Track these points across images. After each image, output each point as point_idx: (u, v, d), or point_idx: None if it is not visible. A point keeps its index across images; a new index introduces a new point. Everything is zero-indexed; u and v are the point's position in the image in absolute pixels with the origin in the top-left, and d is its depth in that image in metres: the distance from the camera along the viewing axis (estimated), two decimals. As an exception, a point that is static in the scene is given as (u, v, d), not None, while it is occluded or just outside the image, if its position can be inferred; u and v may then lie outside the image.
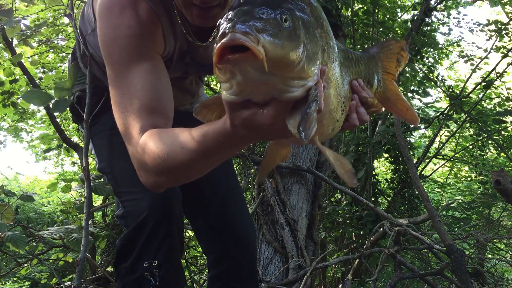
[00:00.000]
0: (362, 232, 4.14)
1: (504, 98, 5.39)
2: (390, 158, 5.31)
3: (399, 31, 5.44)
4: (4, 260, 5.62)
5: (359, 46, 5.01)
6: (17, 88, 4.12)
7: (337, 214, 4.32)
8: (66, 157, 8.23)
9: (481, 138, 5.39)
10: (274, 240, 3.02)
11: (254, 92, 0.68)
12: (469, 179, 7.04)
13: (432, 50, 6.17)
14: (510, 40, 5.16)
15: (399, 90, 1.12)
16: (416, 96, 5.51)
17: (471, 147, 5.97)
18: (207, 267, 1.86)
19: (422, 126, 4.97)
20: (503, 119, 4.53)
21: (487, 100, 5.90)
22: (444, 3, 5.48)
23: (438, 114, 5.18)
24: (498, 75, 5.14)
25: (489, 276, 3.41)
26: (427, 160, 5.70)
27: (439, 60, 7.20)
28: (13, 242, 2.15)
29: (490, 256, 4.08)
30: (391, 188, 5.45)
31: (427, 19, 4.71)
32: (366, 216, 4.07)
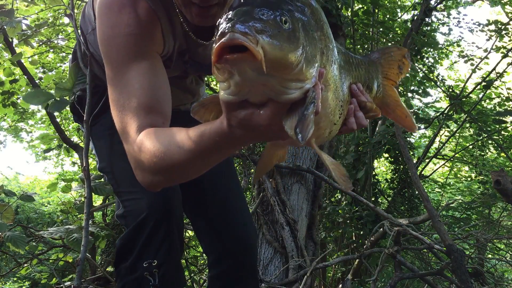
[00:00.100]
0: (362, 232, 4.14)
1: (504, 98, 5.38)
2: (390, 158, 5.31)
3: (399, 31, 5.44)
4: (4, 260, 5.62)
5: (359, 46, 5.01)
6: (17, 88, 4.12)
7: (337, 214, 4.32)
8: (66, 157, 8.24)
9: (481, 138, 5.39)
10: (274, 240, 3.02)
11: (251, 93, 0.68)
12: (469, 179, 7.04)
13: (432, 50, 6.18)
14: (510, 40, 5.16)
15: (399, 96, 1.12)
16: (416, 96, 5.51)
17: (471, 147, 5.97)
18: (207, 267, 1.86)
19: (422, 126, 4.96)
20: (503, 119, 4.53)
21: (487, 100, 5.90)
22: (444, 3, 5.48)
23: (438, 114, 5.18)
24: (498, 75, 5.14)
25: (489, 276, 3.41)
26: (427, 160, 5.70)
27: (439, 60, 7.21)
28: (13, 242, 2.15)
29: (490, 256, 4.08)
30: (391, 188, 5.46)
31: (427, 19, 4.71)
32: (366, 216, 4.07)
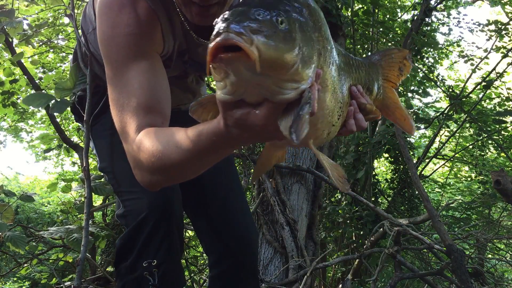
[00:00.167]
0: (362, 232, 4.14)
1: (504, 98, 5.38)
2: (390, 158, 5.31)
3: (399, 31, 5.44)
4: (4, 260, 5.62)
5: (359, 46, 5.01)
6: (17, 88, 4.13)
7: (337, 214, 4.32)
8: (66, 157, 8.24)
9: (481, 138, 5.39)
10: (274, 240, 3.02)
11: (247, 92, 0.68)
12: (469, 179, 7.04)
13: (432, 50, 6.18)
14: (510, 40, 5.16)
15: (399, 98, 1.12)
16: (416, 96, 5.52)
17: (471, 147, 5.97)
18: (208, 267, 1.85)
19: (422, 126, 4.96)
20: (503, 119, 4.53)
21: (487, 100, 5.90)
22: (444, 3, 5.48)
23: (438, 114, 5.18)
24: (498, 75, 5.14)
25: (489, 276, 3.41)
26: (427, 160, 5.71)
27: (439, 60, 7.21)
28: (13, 242, 2.15)
29: (490, 256, 4.08)
30: (391, 188, 5.45)
31: (427, 19, 4.70)
32: (366, 216, 4.07)
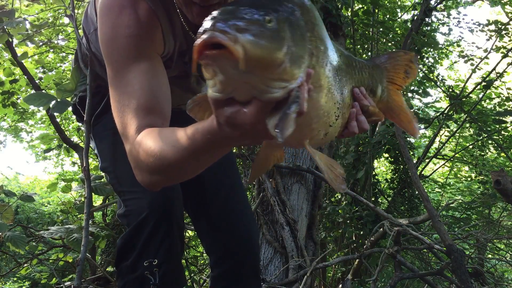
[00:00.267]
0: (362, 232, 4.14)
1: (504, 98, 5.39)
2: (390, 158, 5.31)
3: (399, 31, 5.44)
4: (4, 260, 5.63)
5: (359, 46, 5.02)
6: (17, 88, 4.13)
7: (337, 214, 4.32)
8: (66, 157, 8.24)
9: (481, 138, 5.39)
10: (274, 240, 3.02)
11: (236, 91, 0.68)
12: (469, 179, 7.04)
13: (432, 50, 6.18)
14: (510, 40, 5.17)
15: (404, 101, 1.11)
16: (416, 96, 5.52)
17: (471, 147, 5.97)
18: (209, 267, 1.85)
19: (422, 126, 4.96)
20: (503, 119, 4.54)
21: (487, 100, 5.90)
22: (444, 3, 5.48)
23: (438, 114, 5.19)
24: (498, 75, 5.14)
25: (489, 276, 3.41)
26: (427, 160, 5.71)
27: (439, 60, 7.21)
28: (13, 242, 2.15)
29: (490, 256, 4.08)
30: (391, 188, 5.46)
31: (427, 19, 4.71)
32: (366, 216, 4.07)
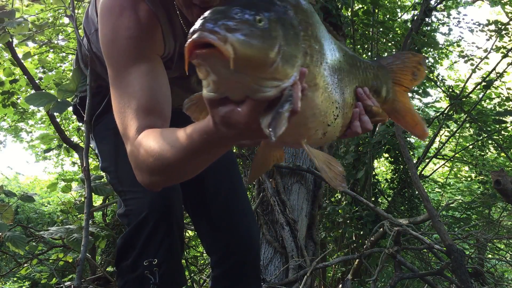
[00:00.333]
0: (362, 232, 4.14)
1: (504, 98, 5.39)
2: (390, 158, 5.31)
3: (399, 31, 5.44)
4: (4, 260, 5.63)
5: (359, 46, 5.01)
6: (17, 88, 4.13)
7: (337, 214, 4.32)
8: (66, 157, 8.24)
9: (481, 138, 5.39)
10: (274, 240, 3.02)
11: (229, 90, 0.69)
12: (469, 179, 7.04)
13: (432, 50, 6.18)
14: (510, 40, 5.16)
15: (411, 103, 1.10)
16: (416, 96, 5.52)
17: (471, 147, 5.97)
18: (210, 267, 1.85)
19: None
20: (503, 119, 4.53)
21: (487, 100, 5.90)
22: (444, 3, 5.48)
23: (438, 114, 5.19)
24: (498, 75, 5.14)
25: (489, 276, 3.41)
26: (427, 160, 5.71)
27: (439, 60, 7.21)
28: (13, 242, 2.15)
29: (490, 256, 4.08)
30: (391, 188, 5.45)
31: (427, 19, 4.70)
32: (366, 216, 4.06)
